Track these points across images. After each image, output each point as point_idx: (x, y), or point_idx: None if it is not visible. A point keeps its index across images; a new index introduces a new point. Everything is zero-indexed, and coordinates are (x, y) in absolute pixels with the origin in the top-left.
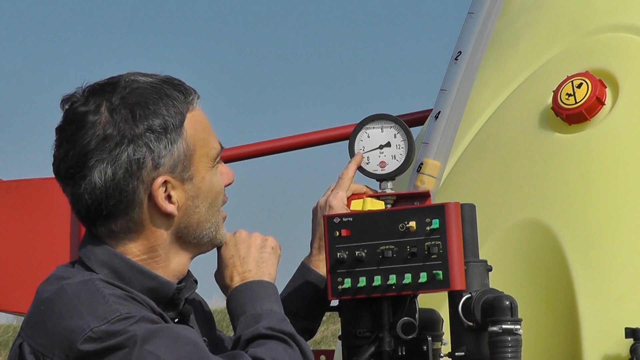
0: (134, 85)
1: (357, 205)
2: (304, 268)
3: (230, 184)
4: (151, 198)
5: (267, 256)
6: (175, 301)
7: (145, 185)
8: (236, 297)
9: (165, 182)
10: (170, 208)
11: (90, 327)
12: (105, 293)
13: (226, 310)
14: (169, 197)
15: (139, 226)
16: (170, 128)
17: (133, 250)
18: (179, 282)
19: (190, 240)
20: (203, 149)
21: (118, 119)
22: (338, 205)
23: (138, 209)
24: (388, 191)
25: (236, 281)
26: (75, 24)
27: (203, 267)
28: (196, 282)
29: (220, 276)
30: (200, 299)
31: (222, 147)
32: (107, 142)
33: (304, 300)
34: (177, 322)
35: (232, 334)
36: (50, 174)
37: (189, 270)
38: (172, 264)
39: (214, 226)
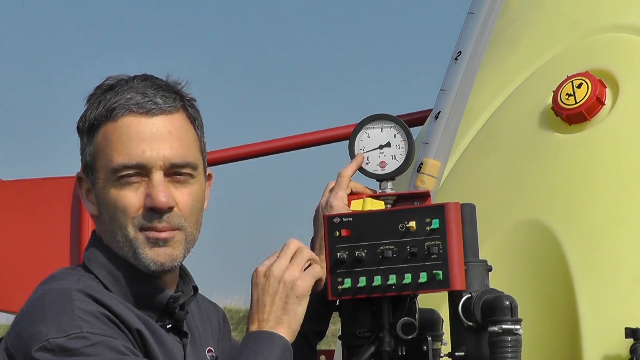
0: (103, 83)
1: (357, 205)
2: None
3: (154, 208)
4: None
5: (291, 307)
6: (170, 309)
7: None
8: (244, 342)
9: (80, 179)
10: (87, 205)
11: (48, 337)
12: (75, 306)
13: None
14: (91, 195)
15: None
16: (85, 130)
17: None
18: (177, 290)
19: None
20: (103, 159)
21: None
22: (338, 205)
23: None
24: (388, 191)
25: (253, 327)
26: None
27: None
28: (196, 289)
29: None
30: (216, 308)
31: (132, 166)
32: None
33: (309, 302)
34: (170, 328)
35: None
36: (50, 174)
37: (188, 277)
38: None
39: (127, 243)
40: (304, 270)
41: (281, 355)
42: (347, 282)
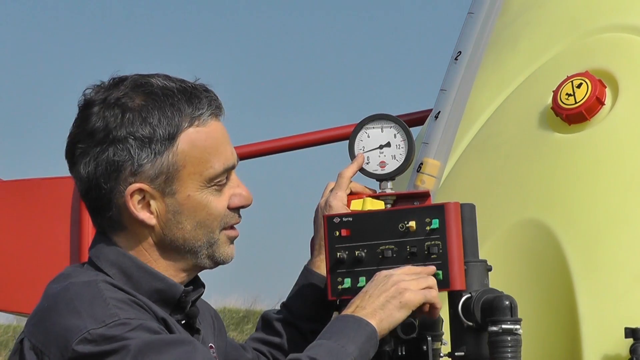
0: (143, 87)
1: (357, 205)
2: (307, 271)
3: (243, 206)
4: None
5: (390, 309)
6: (182, 304)
7: (122, 188)
8: (332, 322)
9: (141, 190)
10: (143, 216)
11: (87, 328)
12: (106, 296)
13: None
14: (148, 206)
15: (120, 225)
16: (157, 139)
17: (121, 246)
18: (187, 285)
19: (182, 254)
20: (195, 167)
21: (108, 117)
22: (338, 205)
23: (115, 209)
24: (388, 191)
25: (348, 311)
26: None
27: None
28: (204, 286)
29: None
30: (209, 307)
31: (229, 168)
32: (93, 136)
33: (308, 302)
34: (183, 324)
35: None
36: (50, 173)
37: (197, 275)
38: (161, 270)
39: (207, 245)
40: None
41: (367, 339)
42: (347, 282)
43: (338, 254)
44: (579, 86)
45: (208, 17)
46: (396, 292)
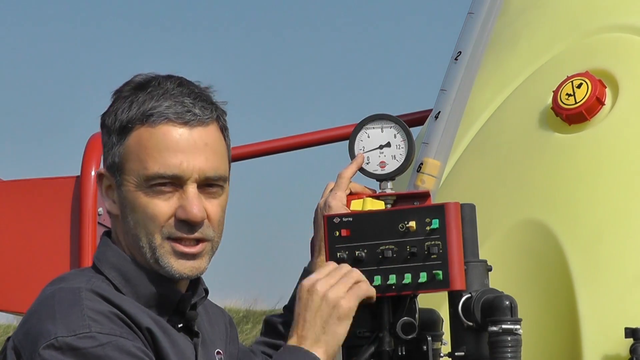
0: (134, 82)
1: (357, 205)
2: (307, 273)
3: (187, 221)
4: None
5: (331, 328)
6: (181, 308)
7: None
8: (279, 353)
9: (101, 175)
10: (106, 202)
11: (57, 335)
12: (84, 306)
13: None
14: (113, 195)
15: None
16: (115, 129)
17: (116, 233)
18: (187, 289)
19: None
20: (135, 164)
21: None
22: (337, 205)
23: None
24: (388, 191)
25: (292, 341)
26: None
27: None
28: (207, 291)
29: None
30: (222, 312)
31: (168, 176)
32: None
33: None
34: (181, 327)
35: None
36: (50, 173)
37: (200, 278)
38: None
39: (149, 248)
40: (349, 290)
41: None
42: None
43: (338, 254)
44: (579, 86)
45: (208, 17)
46: (329, 308)
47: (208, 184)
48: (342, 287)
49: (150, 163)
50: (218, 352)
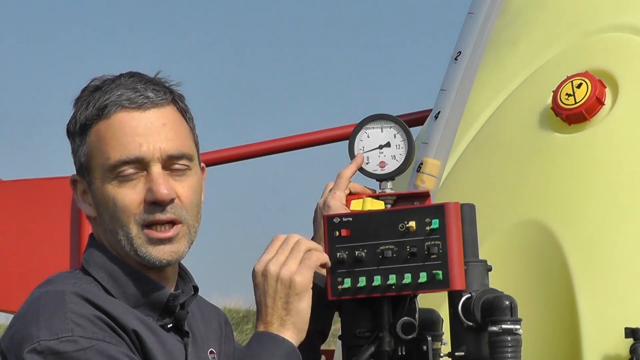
0: (89, 85)
1: (357, 205)
2: None
3: (156, 201)
4: None
5: (293, 306)
6: (170, 308)
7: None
8: (249, 343)
9: (75, 181)
10: (83, 207)
11: (40, 338)
12: (68, 309)
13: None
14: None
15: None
16: (76, 132)
17: (100, 238)
18: (176, 288)
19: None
20: (98, 159)
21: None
22: (336, 205)
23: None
24: (388, 191)
25: (260, 328)
26: (76, 23)
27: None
28: (196, 289)
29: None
30: (217, 311)
31: (130, 160)
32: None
33: (312, 302)
34: (170, 328)
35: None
36: (50, 173)
37: (188, 276)
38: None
39: (126, 240)
40: (301, 263)
41: (285, 359)
42: (347, 282)
43: (338, 254)
44: (578, 86)
45: (208, 17)
46: (286, 288)
47: (173, 164)
48: (293, 262)
49: (111, 152)
50: (211, 352)
